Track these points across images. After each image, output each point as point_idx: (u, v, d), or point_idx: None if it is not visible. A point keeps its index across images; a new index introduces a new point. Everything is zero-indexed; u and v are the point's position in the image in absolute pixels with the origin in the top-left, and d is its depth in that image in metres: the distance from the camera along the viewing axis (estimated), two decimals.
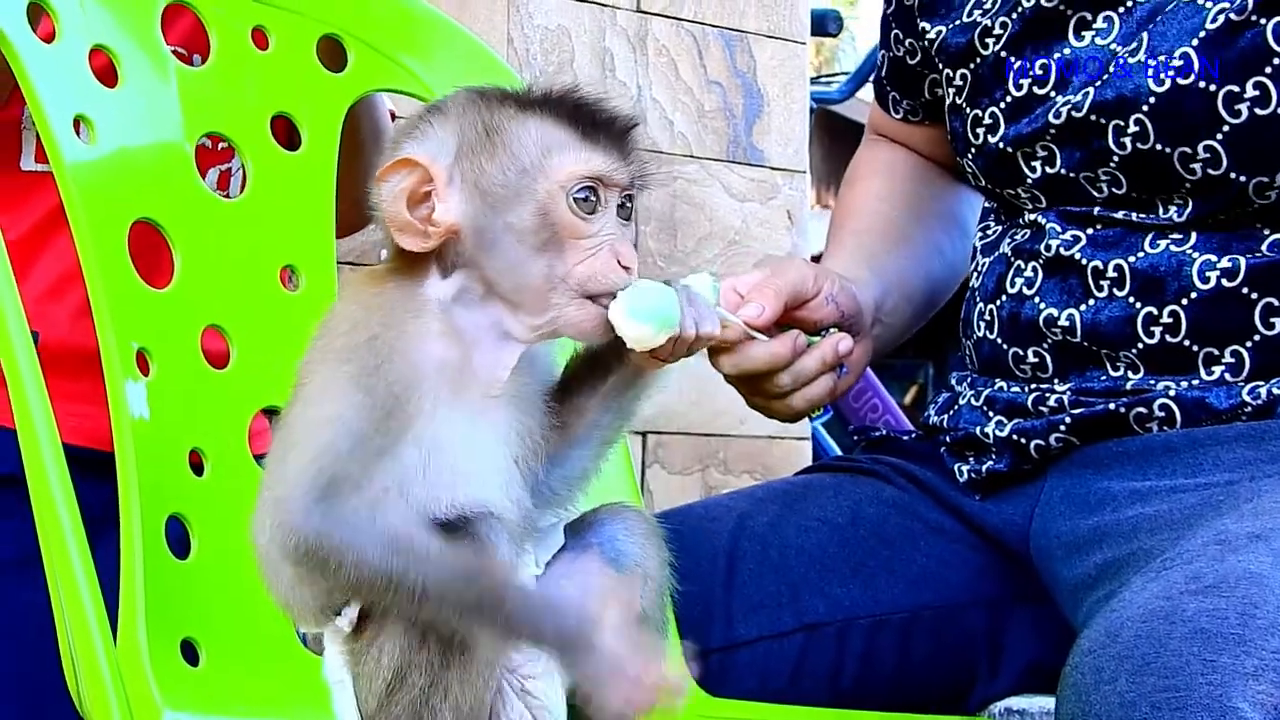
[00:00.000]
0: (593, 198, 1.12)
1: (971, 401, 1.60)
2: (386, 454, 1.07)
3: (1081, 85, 1.50)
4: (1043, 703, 1.53)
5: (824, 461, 1.82)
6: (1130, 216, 1.49)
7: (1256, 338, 1.44)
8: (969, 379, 1.64)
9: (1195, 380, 1.46)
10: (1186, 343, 1.46)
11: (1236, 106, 1.41)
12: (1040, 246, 1.53)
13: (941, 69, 1.66)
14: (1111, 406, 1.47)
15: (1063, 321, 1.50)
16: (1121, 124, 1.46)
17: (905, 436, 1.74)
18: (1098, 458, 1.50)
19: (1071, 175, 1.52)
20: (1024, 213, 1.58)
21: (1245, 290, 1.44)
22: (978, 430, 1.57)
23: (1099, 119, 1.48)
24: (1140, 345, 1.47)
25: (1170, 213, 1.47)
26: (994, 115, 1.58)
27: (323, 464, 1.05)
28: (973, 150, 1.62)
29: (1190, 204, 1.46)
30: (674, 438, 2.77)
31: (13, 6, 1.35)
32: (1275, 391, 1.43)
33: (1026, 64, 1.55)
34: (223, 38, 1.50)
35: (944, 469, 1.63)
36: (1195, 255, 1.45)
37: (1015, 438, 1.53)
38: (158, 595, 1.26)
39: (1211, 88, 1.42)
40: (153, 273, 1.38)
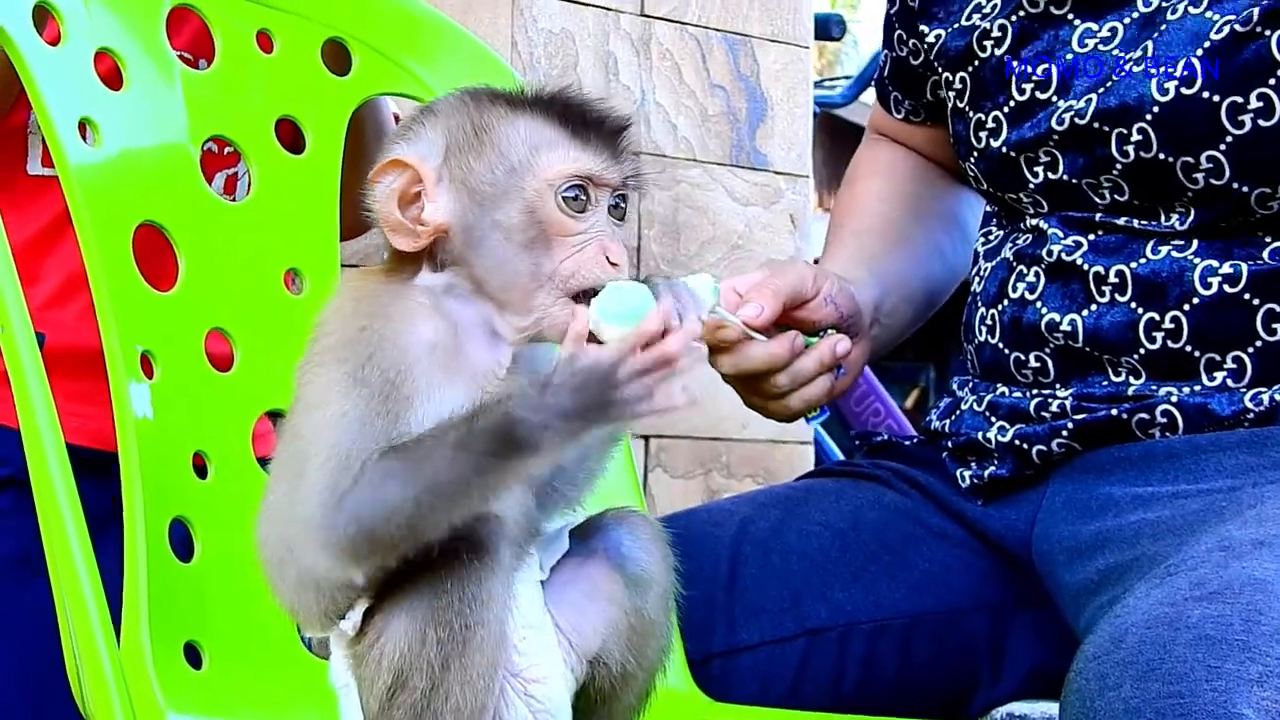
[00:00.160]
0: (582, 196, 1.12)
1: (974, 406, 1.60)
2: (390, 435, 1.07)
3: (1084, 91, 1.50)
4: (1045, 708, 1.53)
5: (826, 466, 1.83)
6: (1132, 223, 1.49)
7: (1258, 344, 1.44)
8: (970, 384, 1.64)
9: (1197, 386, 1.46)
10: (1188, 349, 1.46)
11: (1240, 117, 1.41)
12: (1042, 252, 1.53)
13: (940, 73, 1.66)
14: (1114, 412, 1.47)
15: (1065, 326, 1.50)
16: (1125, 132, 1.46)
17: (907, 441, 1.73)
18: (1100, 463, 1.49)
19: (1074, 181, 1.52)
20: (1026, 218, 1.58)
21: (1247, 296, 1.44)
22: (980, 435, 1.57)
23: (1102, 126, 1.48)
24: (1142, 351, 1.47)
25: (1172, 220, 1.47)
26: (996, 119, 1.58)
27: (336, 460, 1.05)
28: (975, 154, 1.62)
29: (1192, 212, 1.46)
30: (676, 442, 2.77)
31: (18, 10, 1.35)
32: (1278, 398, 1.43)
33: (1028, 67, 1.55)
34: (227, 41, 1.50)
35: (946, 474, 1.62)
36: (1197, 261, 1.45)
37: (1017, 443, 1.53)
38: (161, 598, 1.26)
39: (1215, 98, 1.42)
40: (157, 276, 1.39)
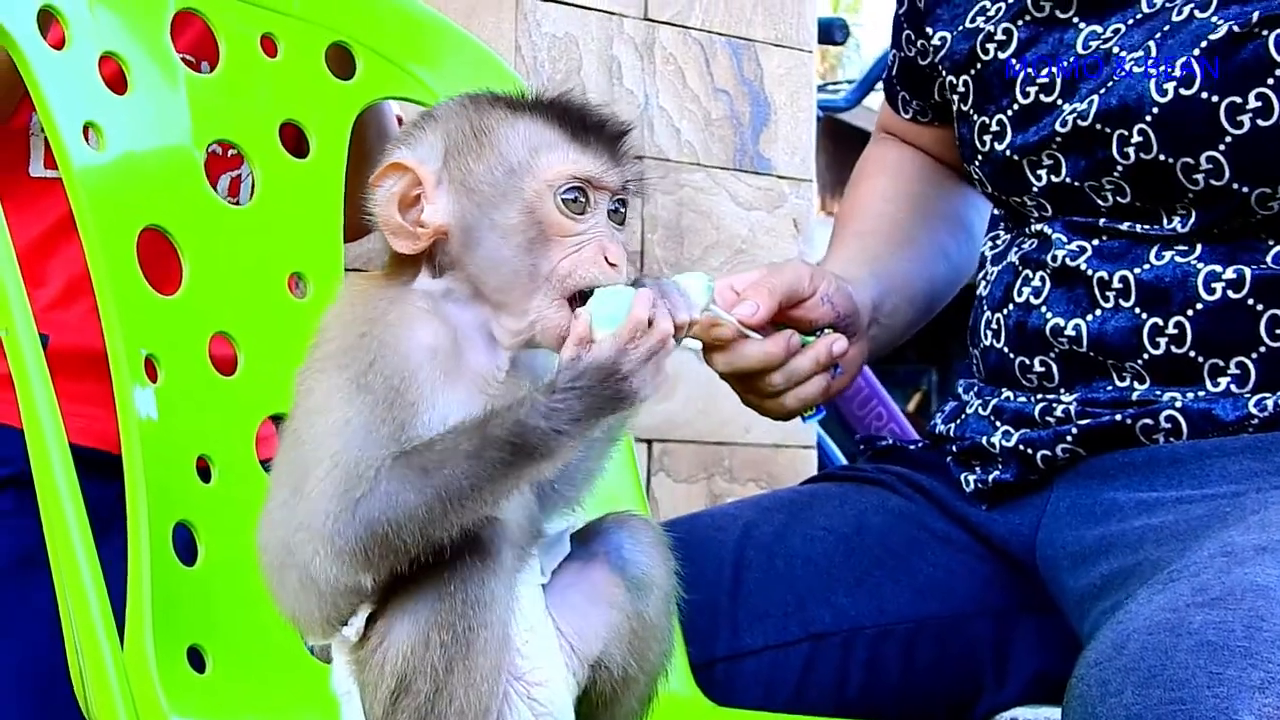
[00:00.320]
0: (581, 198, 1.12)
1: (978, 411, 1.60)
2: (397, 440, 1.07)
3: (1087, 94, 1.50)
4: (1049, 713, 1.53)
5: (830, 471, 1.82)
6: (1135, 228, 1.49)
7: (1262, 349, 1.44)
8: (975, 388, 1.64)
9: (1201, 392, 1.45)
10: (1192, 354, 1.45)
11: (1239, 117, 1.41)
12: (1047, 257, 1.53)
13: (944, 75, 1.66)
14: (1118, 418, 1.47)
15: (1069, 331, 1.50)
16: (1125, 133, 1.46)
17: (911, 446, 1.73)
18: (1104, 468, 1.49)
19: (1076, 184, 1.52)
20: (1031, 222, 1.58)
21: (1251, 302, 1.44)
22: (984, 440, 1.57)
23: (1103, 128, 1.48)
24: (1146, 356, 1.47)
25: (1174, 223, 1.47)
26: (1001, 123, 1.58)
27: (343, 468, 1.06)
28: (979, 157, 1.62)
29: (1193, 214, 1.46)
30: (679, 446, 2.77)
31: (23, 14, 1.35)
32: None
33: (1030, 71, 1.55)
34: (232, 45, 1.50)
35: (950, 478, 1.62)
36: (1200, 266, 1.45)
37: (1022, 448, 1.53)
38: (165, 602, 1.26)
39: (1214, 98, 1.42)
40: (161, 279, 1.39)
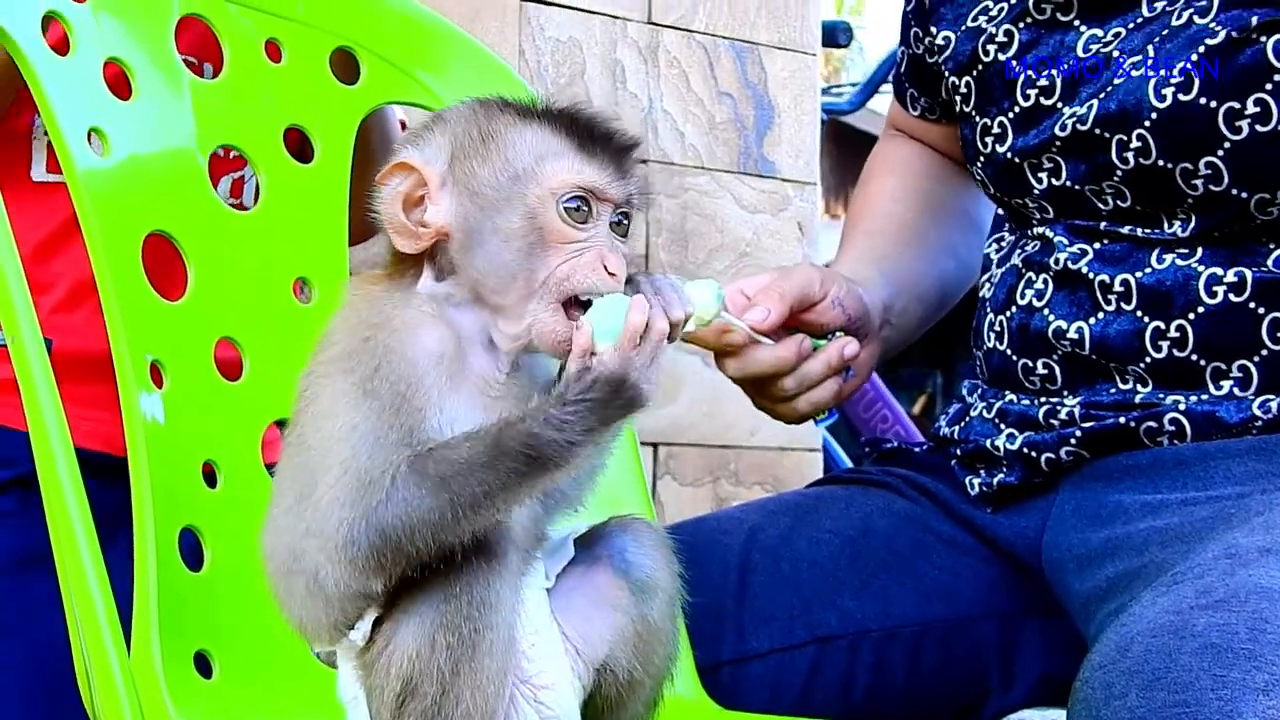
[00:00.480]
0: (584, 208, 1.12)
1: (983, 414, 1.60)
2: (407, 445, 1.07)
3: (1086, 97, 1.50)
4: (1055, 716, 1.53)
5: (835, 474, 1.82)
6: (1136, 231, 1.49)
7: (1264, 352, 1.44)
8: (980, 390, 1.64)
9: (1204, 395, 1.45)
10: (1194, 357, 1.45)
11: (1237, 123, 1.41)
12: (1049, 260, 1.53)
13: (948, 76, 1.66)
14: (1121, 420, 1.47)
15: (1071, 334, 1.50)
16: (1124, 138, 1.46)
17: (916, 448, 1.73)
18: (1109, 471, 1.49)
19: (1076, 188, 1.52)
20: (1033, 224, 1.58)
21: (1252, 305, 1.44)
22: (988, 443, 1.57)
23: (1103, 132, 1.48)
24: (1148, 359, 1.47)
25: (1174, 227, 1.47)
26: (1002, 125, 1.58)
27: (352, 473, 1.06)
28: (981, 159, 1.62)
29: (1193, 219, 1.46)
30: (685, 449, 2.77)
31: (27, 19, 1.35)
32: None
33: (1031, 73, 1.55)
34: (236, 50, 1.50)
35: (955, 481, 1.62)
36: (1201, 270, 1.45)
37: (1026, 451, 1.53)
38: (171, 607, 1.26)
39: (1212, 104, 1.42)
40: (166, 285, 1.39)
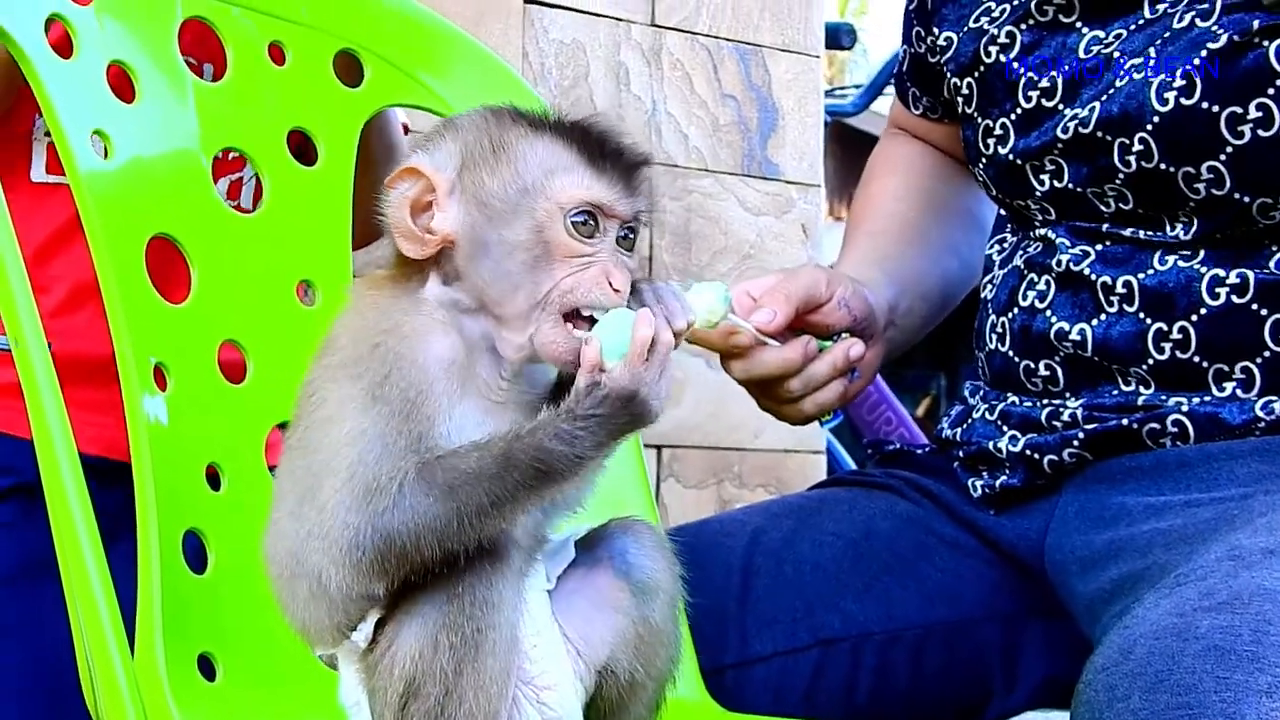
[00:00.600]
0: (591, 223, 1.13)
1: (985, 416, 1.60)
2: (415, 451, 1.07)
3: (1088, 99, 1.50)
4: (1058, 718, 1.53)
5: (838, 476, 1.82)
6: (1138, 234, 1.49)
7: (1266, 354, 1.44)
8: (982, 391, 1.64)
9: (1207, 397, 1.45)
10: (1196, 359, 1.45)
11: (1239, 128, 1.41)
12: (1051, 261, 1.53)
13: (949, 77, 1.66)
14: (1124, 422, 1.47)
15: (1074, 336, 1.50)
16: (1126, 142, 1.46)
17: (919, 450, 1.73)
18: (1111, 473, 1.49)
19: (1079, 190, 1.52)
20: (1035, 225, 1.58)
21: (1255, 306, 1.43)
22: (991, 445, 1.57)
23: (1105, 136, 1.48)
24: (1151, 361, 1.47)
25: (1176, 230, 1.47)
26: (1004, 126, 1.58)
27: (359, 478, 1.06)
28: (983, 160, 1.62)
29: (1196, 222, 1.46)
30: (689, 451, 2.77)
31: (31, 22, 1.36)
32: None
33: (1033, 75, 1.55)
34: (240, 53, 1.50)
35: (958, 483, 1.62)
36: (1204, 271, 1.45)
37: (1029, 453, 1.53)
38: (175, 609, 1.26)
39: (1214, 108, 1.41)
40: (170, 287, 1.39)
